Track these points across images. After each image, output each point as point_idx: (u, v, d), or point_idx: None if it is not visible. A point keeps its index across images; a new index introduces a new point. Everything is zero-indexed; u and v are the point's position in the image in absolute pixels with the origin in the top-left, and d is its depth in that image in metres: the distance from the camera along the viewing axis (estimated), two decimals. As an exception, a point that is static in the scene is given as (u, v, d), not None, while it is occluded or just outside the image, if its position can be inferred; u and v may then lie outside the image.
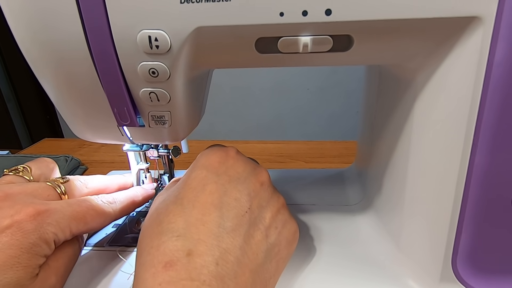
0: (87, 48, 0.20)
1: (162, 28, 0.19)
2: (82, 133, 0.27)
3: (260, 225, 0.23)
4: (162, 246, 0.20)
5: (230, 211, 0.22)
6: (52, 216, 0.23)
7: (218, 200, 0.22)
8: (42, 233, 0.22)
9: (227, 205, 0.22)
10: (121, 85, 0.22)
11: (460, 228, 0.23)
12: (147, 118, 0.25)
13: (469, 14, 0.18)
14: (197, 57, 0.21)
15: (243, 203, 0.22)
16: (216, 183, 0.23)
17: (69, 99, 0.24)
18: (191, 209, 0.21)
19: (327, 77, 1.33)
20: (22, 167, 0.27)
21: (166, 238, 0.20)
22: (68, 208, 0.24)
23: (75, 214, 0.24)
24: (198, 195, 0.22)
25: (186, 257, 0.19)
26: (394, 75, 0.27)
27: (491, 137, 0.21)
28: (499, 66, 0.19)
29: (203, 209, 0.21)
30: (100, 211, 0.26)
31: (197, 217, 0.21)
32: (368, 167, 0.36)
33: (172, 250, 0.19)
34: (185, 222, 0.21)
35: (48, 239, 0.22)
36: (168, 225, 0.21)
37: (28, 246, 0.21)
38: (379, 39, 0.20)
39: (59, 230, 0.23)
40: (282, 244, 0.24)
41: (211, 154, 0.25)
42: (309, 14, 0.18)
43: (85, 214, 0.25)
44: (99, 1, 0.19)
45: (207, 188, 0.22)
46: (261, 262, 0.22)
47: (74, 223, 0.24)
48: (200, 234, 0.20)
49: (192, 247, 0.19)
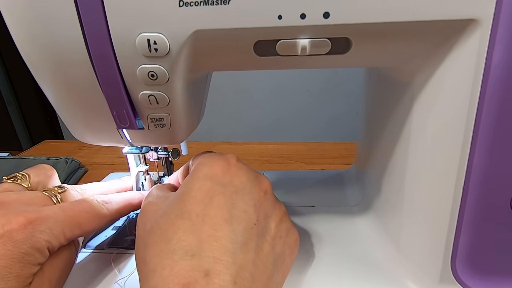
0: (87, 51, 0.20)
1: (161, 31, 0.19)
2: (81, 136, 0.27)
3: (267, 236, 0.22)
4: (176, 267, 0.19)
5: (240, 225, 0.21)
6: (44, 224, 0.22)
7: (228, 213, 0.21)
8: (34, 242, 0.22)
9: (237, 218, 0.21)
10: (120, 88, 0.22)
11: (459, 229, 0.23)
12: (147, 120, 0.25)
13: (467, 17, 0.18)
14: (196, 60, 0.22)
15: (251, 215, 0.22)
16: (223, 194, 0.22)
17: (68, 102, 0.24)
18: (201, 224, 0.21)
19: (327, 78, 1.33)
20: (20, 174, 0.27)
21: (179, 257, 0.19)
22: (61, 213, 0.24)
23: (68, 219, 0.24)
24: (206, 209, 0.21)
25: (204, 278, 0.18)
26: (392, 77, 0.27)
27: (490, 139, 0.21)
28: (496, 68, 0.19)
29: (214, 224, 0.21)
30: (95, 213, 0.26)
31: (209, 233, 0.20)
32: (368, 168, 0.36)
33: (188, 271, 0.18)
34: (197, 239, 0.20)
35: (40, 248, 0.22)
36: (179, 243, 0.20)
37: (20, 255, 0.21)
38: (377, 41, 0.20)
39: (53, 237, 0.23)
40: (287, 253, 0.24)
41: (212, 163, 0.24)
42: (307, 17, 0.19)
43: (78, 218, 0.25)
44: (98, 4, 0.19)
45: (214, 200, 0.22)
46: (270, 274, 0.21)
47: (68, 229, 0.24)
48: (214, 251, 0.19)
49: (209, 266, 0.19)
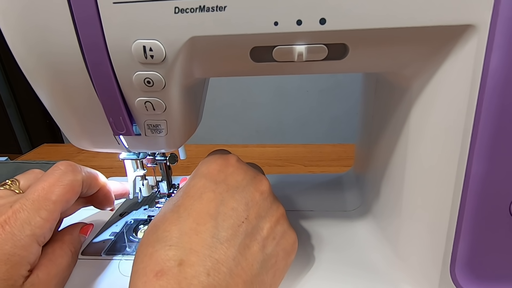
0: (82, 59, 0.20)
1: (157, 38, 0.19)
2: (78, 142, 0.27)
3: (257, 235, 0.22)
4: (155, 255, 0.20)
5: (226, 221, 0.22)
6: (19, 219, 0.22)
7: (215, 209, 0.22)
8: (16, 241, 0.22)
9: (223, 214, 0.22)
10: (117, 94, 0.22)
11: (458, 234, 0.23)
12: (143, 127, 0.24)
13: (464, 22, 0.18)
14: (192, 66, 0.21)
15: (240, 213, 0.22)
16: (214, 191, 0.23)
17: (65, 108, 0.24)
18: (186, 217, 0.21)
19: (327, 79, 1.33)
20: (10, 180, 0.27)
21: (159, 246, 0.20)
22: (26, 202, 0.23)
23: (36, 202, 0.24)
24: (194, 204, 0.22)
25: (177, 266, 0.19)
26: (390, 82, 0.27)
27: (488, 143, 0.21)
28: (494, 73, 0.19)
29: (198, 218, 0.21)
30: (55, 178, 0.25)
31: (191, 226, 0.21)
32: (366, 172, 0.36)
33: (164, 259, 0.19)
34: (179, 231, 0.21)
35: (25, 245, 0.22)
36: (163, 234, 0.21)
37: (4, 257, 0.21)
38: (374, 47, 0.20)
39: (34, 227, 0.22)
40: (280, 255, 0.24)
41: (211, 162, 0.25)
42: (303, 23, 0.18)
43: (43, 193, 0.24)
44: (94, 12, 0.19)
45: (204, 196, 0.22)
46: (256, 273, 0.21)
47: (42, 208, 0.23)
48: (192, 243, 0.20)
49: (184, 256, 0.19)
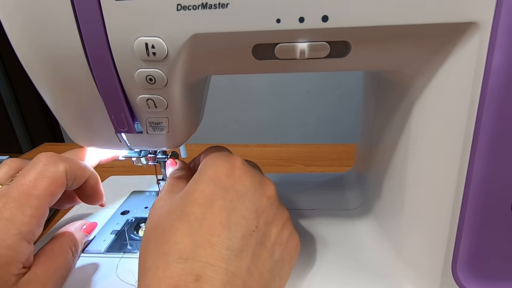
0: (84, 55, 0.20)
1: (159, 35, 0.19)
2: (79, 139, 0.27)
3: (266, 243, 0.22)
4: (169, 269, 0.19)
5: (238, 231, 0.21)
6: (2, 217, 0.22)
7: (227, 219, 0.21)
8: (2, 241, 0.21)
9: (235, 224, 0.21)
10: (118, 92, 0.22)
11: (460, 233, 0.23)
12: (145, 124, 0.24)
13: (466, 20, 0.18)
14: (194, 64, 0.21)
15: (251, 221, 0.22)
16: (224, 199, 0.22)
17: (66, 105, 0.24)
18: (199, 228, 0.21)
19: (327, 79, 1.33)
20: None
21: (173, 259, 0.19)
22: (8, 200, 0.23)
23: (18, 199, 0.23)
24: (206, 213, 0.21)
25: (194, 282, 0.18)
26: (392, 80, 0.27)
27: (490, 142, 0.21)
28: (496, 71, 0.19)
29: (211, 229, 0.21)
30: (39, 173, 0.24)
31: (205, 238, 0.20)
32: (367, 171, 0.36)
33: (180, 274, 0.19)
34: (193, 243, 0.20)
35: (11, 244, 0.21)
36: (175, 246, 0.20)
37: None
38: (376, 45, 0.20)
39: (19, 226, 0.22)
40: (286, 260, 0.23)
41: (217, 165, 0.24)
42: (305, 21, 0.18)
43: (28, 190, 0.23)
44: (96, 8, 0.19)
45: (215, 205, 0.22)
46: (266, 282, 0.21)
47: (26, 208, 0.23)
48: (208, 257, 0.19)
49: (201, 271, 0.19)
